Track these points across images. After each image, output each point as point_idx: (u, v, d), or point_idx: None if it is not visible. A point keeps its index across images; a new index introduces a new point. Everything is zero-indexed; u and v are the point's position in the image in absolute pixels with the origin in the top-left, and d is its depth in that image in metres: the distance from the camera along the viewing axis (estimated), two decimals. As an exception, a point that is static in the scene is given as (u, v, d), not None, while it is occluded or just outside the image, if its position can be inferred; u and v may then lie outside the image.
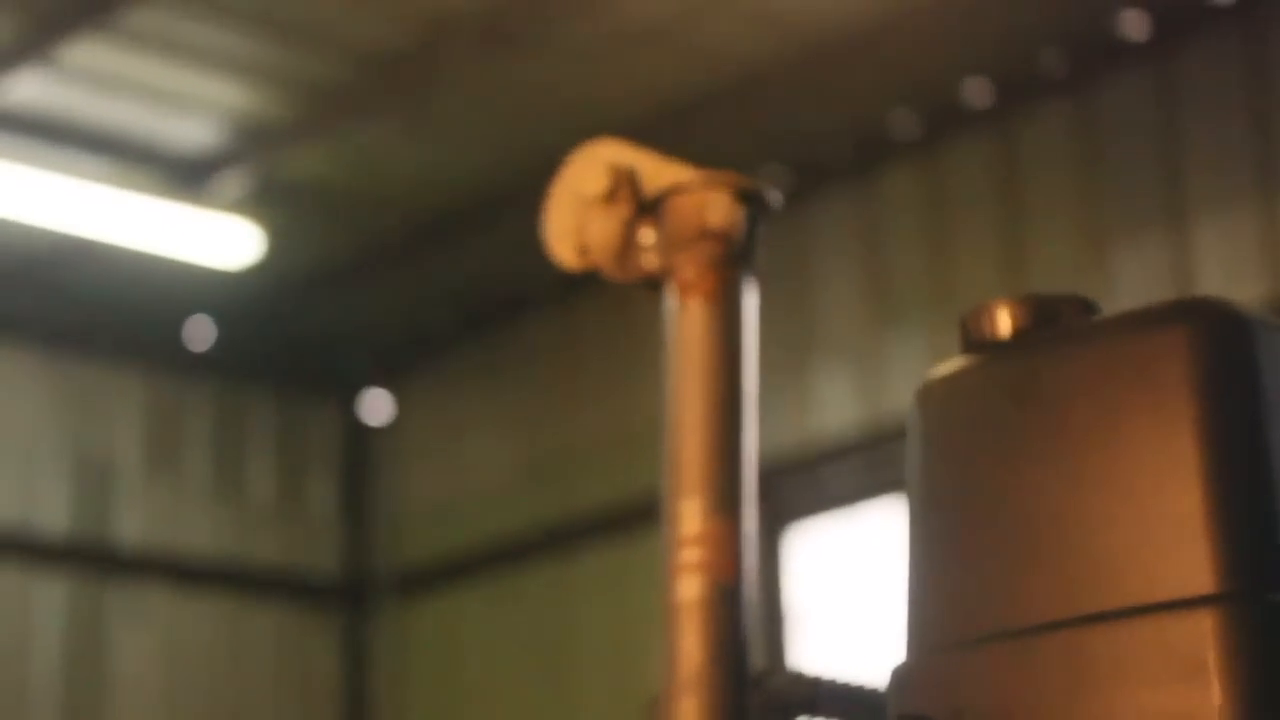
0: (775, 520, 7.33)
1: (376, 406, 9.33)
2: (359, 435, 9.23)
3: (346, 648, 8.73)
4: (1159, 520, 0.82)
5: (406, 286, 8.40)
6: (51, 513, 8.00)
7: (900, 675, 0.76)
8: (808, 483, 7.42)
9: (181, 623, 8.29)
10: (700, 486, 0.78)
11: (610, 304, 7.97)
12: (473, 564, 8.57)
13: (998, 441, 0.80)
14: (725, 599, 0.76)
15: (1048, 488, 0.78)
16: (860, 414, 7.23)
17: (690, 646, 0.77)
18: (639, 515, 7.27)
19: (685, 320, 0.86)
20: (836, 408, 7.45)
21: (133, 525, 8.21)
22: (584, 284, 8.13)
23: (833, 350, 7.55)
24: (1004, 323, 0.83)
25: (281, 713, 8.49)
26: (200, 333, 8.54)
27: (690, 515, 0.77)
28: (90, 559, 8.07)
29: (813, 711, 0.77)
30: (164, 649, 8.17)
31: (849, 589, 6.60)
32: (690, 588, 0.77)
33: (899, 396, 6.53)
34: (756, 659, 0.87)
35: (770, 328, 0.89)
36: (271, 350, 8.77)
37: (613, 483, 7.81)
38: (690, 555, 0.78)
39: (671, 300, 0.89)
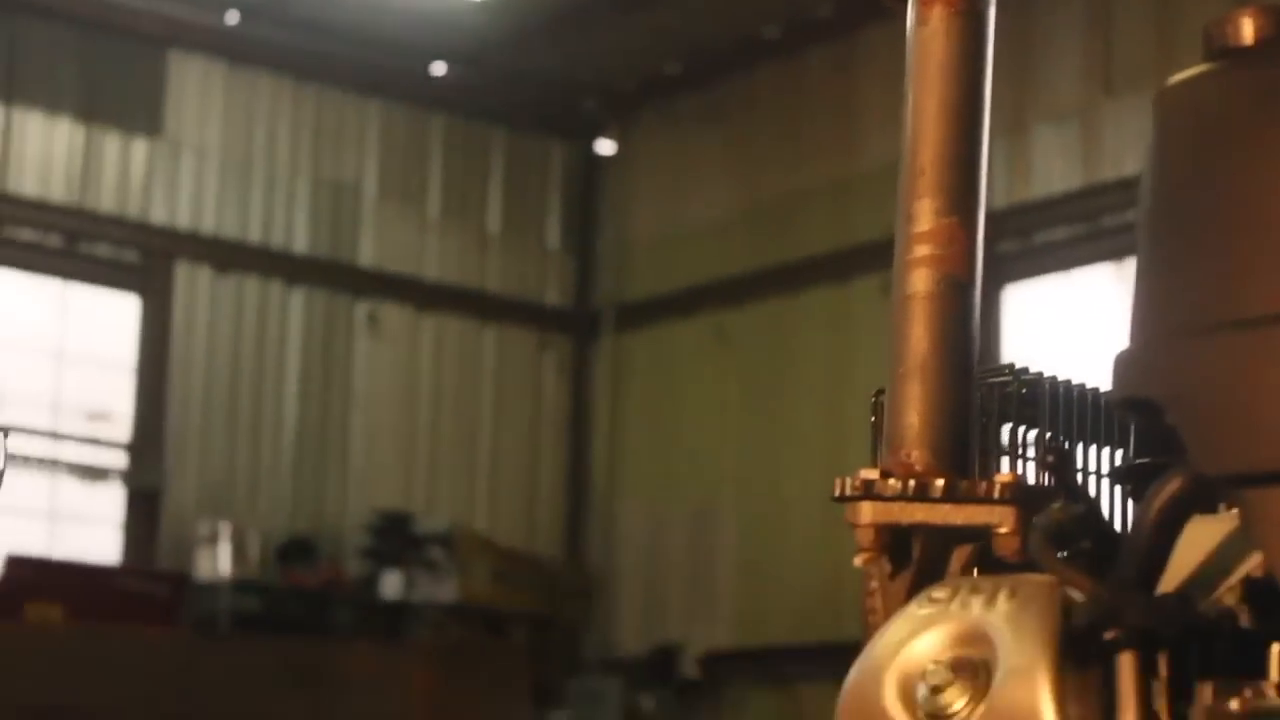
0: (992, 282, 6.98)
1: (606, 145, 9.16)
2: (588, 172, 9.12)
3: (570, 371, 8.86)
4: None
5: (639, 31, 8.03)
6: (297, 232, 8.15)
7: (1122, 360, 0.72)
8: (1025, 246, 7.28)
9: (418, 339, 8.43)
10: (935, 189, 0.78)
11: (835, 55, 7.84)
12: (691, 298, 8.44)
13: (1235, 143, 0.74)
14: (953, 291, 0.76)
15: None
16: (1078, 179, 7.06)
17: (918, 335, 0.77)
18: (856, 260, 7.39)
19: (927, 31, 0.82)
20: (1055, 172, 7.21)
21: (371, 248, 8.34)
22: (810, 33, 7.98)
23: (1053, 115, 7.29)
24: (1248, 30, 0.75)
25: (509, 427, 8.65)
26: (441, 68, 8.37)
27: (924, 215, 0.77)
28: (332, 276, 8.24)
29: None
30: (400, 362, 8.39)
31: (1064, 351, 6.32)
32: (921, 281, 0.77)
33: (1117, 163, 6.29)
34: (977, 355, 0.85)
35: (992, 91, 0.85)
36: (508, 87, 8.64)
37: (831, 228, 7.75)
38: (922, 251, 0.78)
39: (914, 10, 0.84)
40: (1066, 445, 0.76)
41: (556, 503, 8.68)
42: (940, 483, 0.75)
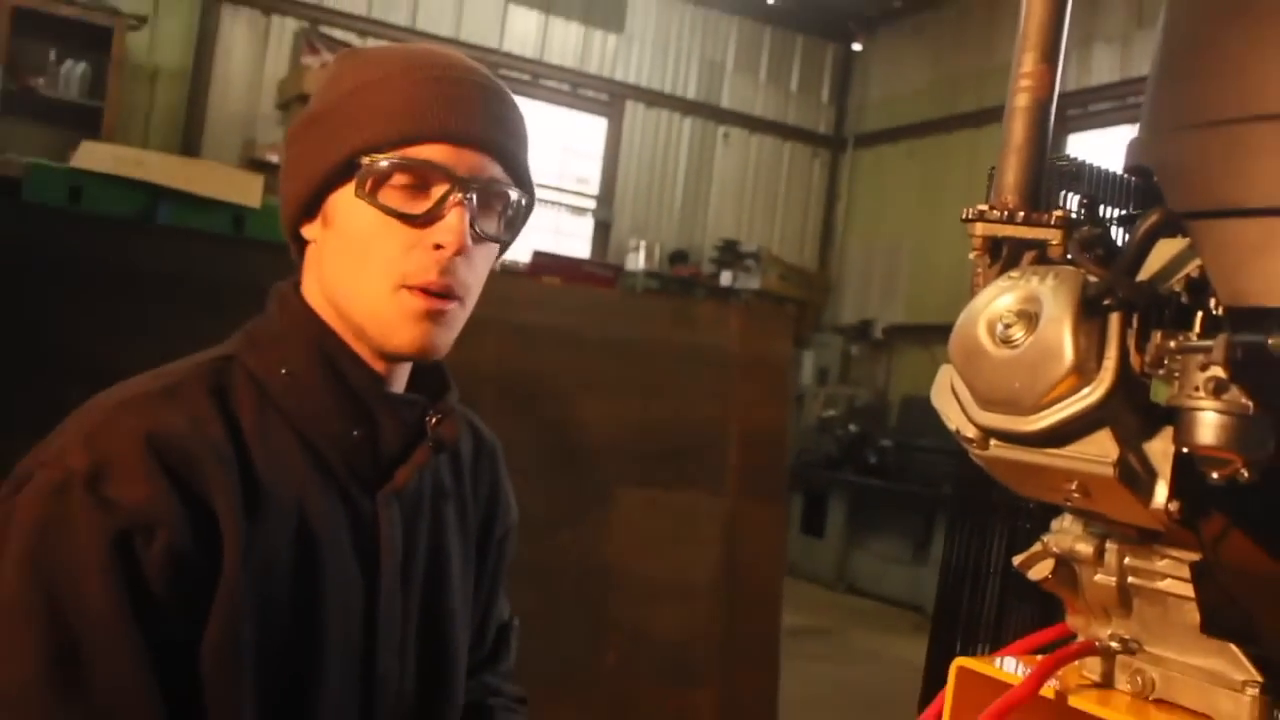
0: (1060, 131, 7.47)
1: (856, 45, 10.53)
2: (846, 60, 10.66)
3: (828, 169, 10.65)
4: None
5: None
6: (690, 86, 10.15)
7: (1131, 144, 0.80)
8: (1083, 112, 8.32)
9: (749, 149, 10.40)
10: (1035, 46, 0.84)
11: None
12: (895, 133, 10.02)
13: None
14: (1040, 106, 0.84)
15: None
16: (1118, 76, 7.99)
17: (1016, 129, 0.85)
18: (986, 116, 8.50)
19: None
20: (1104, 71, 8.11)
21: (727, 97, 10.26)
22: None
23: (1103, 37, 8.12)
24: None
25: (794, 197, 10.51)
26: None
27: (1028, 61, 0.84)
28: (705, 112, 10.16)
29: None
30: (738, 161, 10.35)
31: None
32: (1022, 99, 0.84)
33: (1143, 67, 4.65)
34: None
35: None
36: (804, 9, 10.14)
37: (974, 95, 8.89)
38: (1025, 83, 0.85)
39: None
40: (1095, 199, 0.82)
41: (815, 238, 10.62)
42: (1021, 214, 0.84)
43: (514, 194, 1.16)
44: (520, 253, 7.76)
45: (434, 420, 1.18)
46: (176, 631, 1.01)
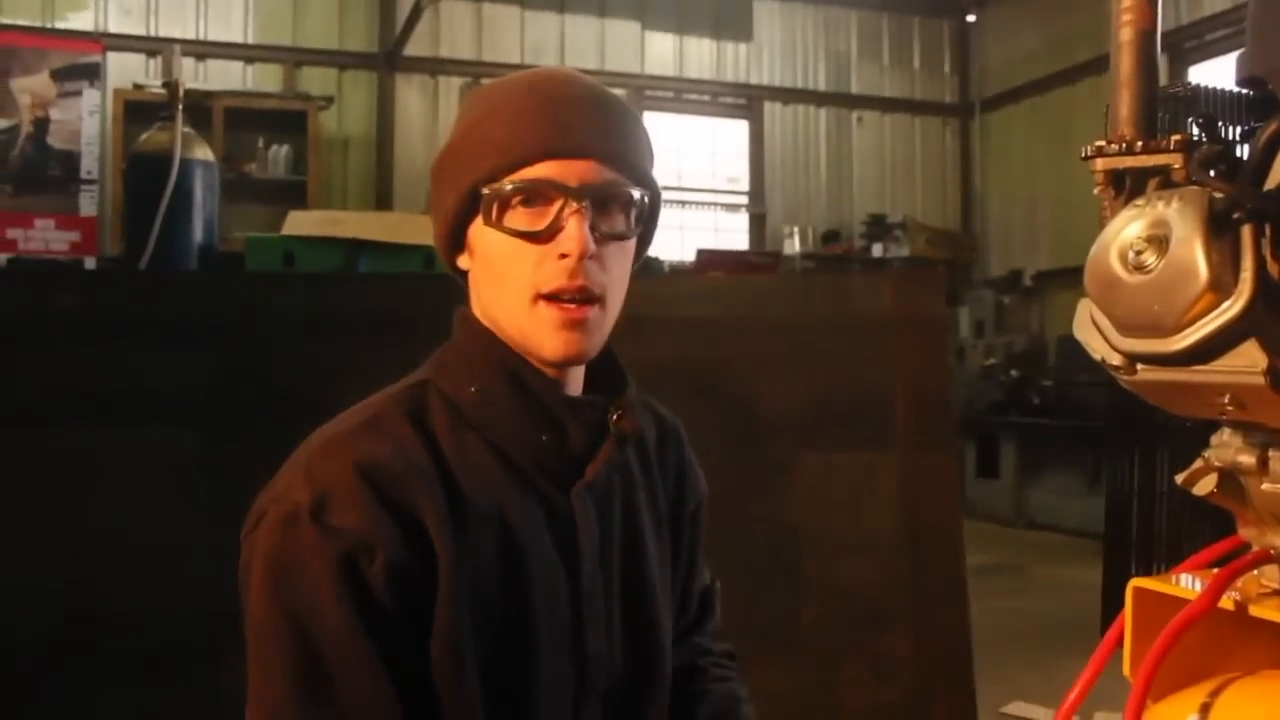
0: (1178, 63, 8.05)
1: (971, 18, 10.36)
2: (963, 33, 10.47)
3: (959, 135, 10.50)
4: None
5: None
6: (820, 79, 10.07)
7: (1240, 57, 0.79)
8: (1199, 42, 8.05)
9: (882, 127, 10.29)
10: None
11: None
12: (1017, 93, 9.85)
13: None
14: (1144, 38, 0.81)
15: None
16: (1230, 4, 7.63)
17: (1125, 62, 0.81)
18: (1105, 64, 9.16)
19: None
20: (1217, 4, 7.71)
21: (856, 82, 10.17)
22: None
23: None
24: None
25: (931, 164, 10.41)
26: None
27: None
28: (836, 100, 10.13)
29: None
30: (872, 142, 10.18)
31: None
32: (1126, 33, 0.81)
33: None
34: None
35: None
36: None
37: (1095, 45, 8.36)
38: (1127, 17, 0.81)
39: None
40: (1212, 118, 0.78)
41: (956, 201, 10.47)
42: (1139, 143, 0.80)
43: (635, 192, 1.13)
44: (685, 253, 7.76)
45: (615, 416, 1.17)
46: (406, 640, 1.03)
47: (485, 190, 1.10)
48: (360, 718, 0.99)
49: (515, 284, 1.10)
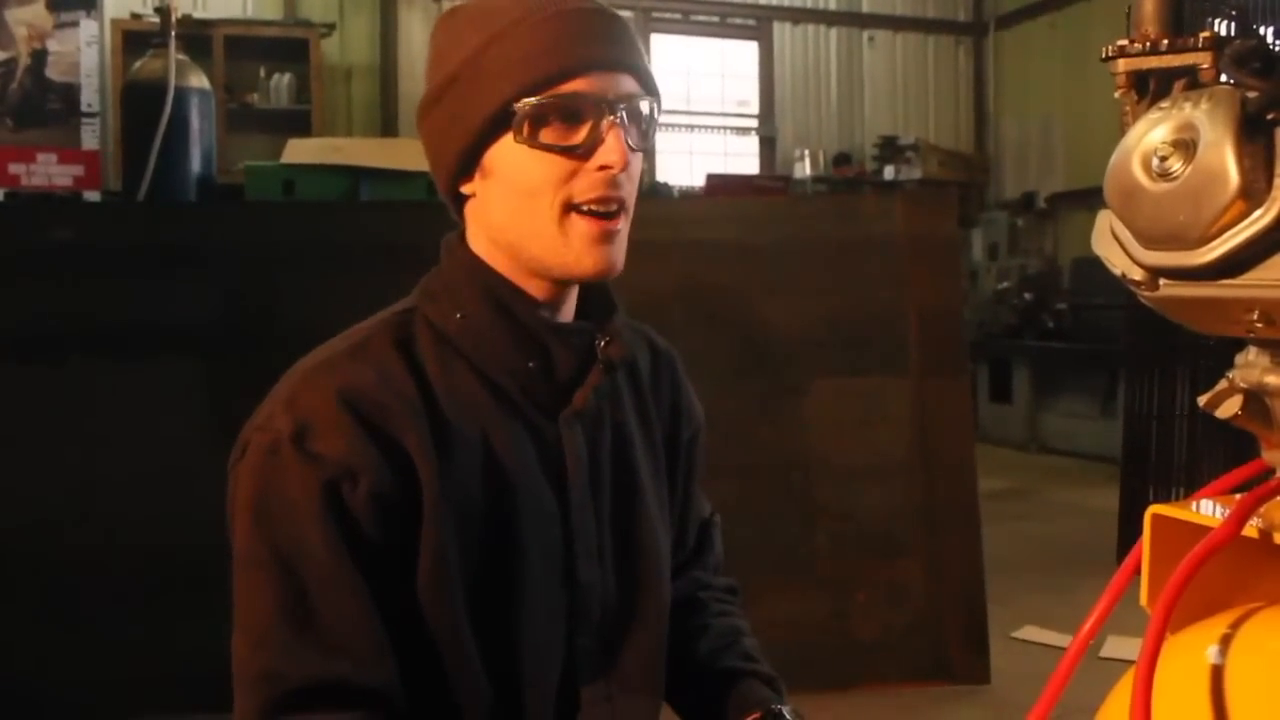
0: None
1: None
2: None
3: (973, 54, 10.23)
4: None
5: None
6: (831, 3, 9.87)
7: None
8: None
9: (894, 47, 10.03)
10: None
11: None
12: (1034, 9, 9.58)
13: None
14: None
15: None
16: None
17: None
18: None
19: None
20: None
21: (867, 3, 9.92)
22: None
23: None
24: None
25: (943, 83, 10.19)
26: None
27: None
28: (845, 19, 9.86)
29: None
30: (885, 61, 9.99)
31: None
32: None
33: None
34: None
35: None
36: None
37: None
38: None
39: None
40: (1245, 10, 0.90)
41: (969, 122, 10.24)
42: (1165, 42, 0.76)
43: (648, 104, 1.13)
44: (695, 177, 7.62)
45: (604, 343, 1.17)
46: (391, 565, 1.03)
47: (518, 106, 1.07)
48: (345, 643, 1.00)
49: (545, 200, 1.08)
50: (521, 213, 1.11)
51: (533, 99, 1.08)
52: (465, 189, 1.16)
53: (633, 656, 1.20)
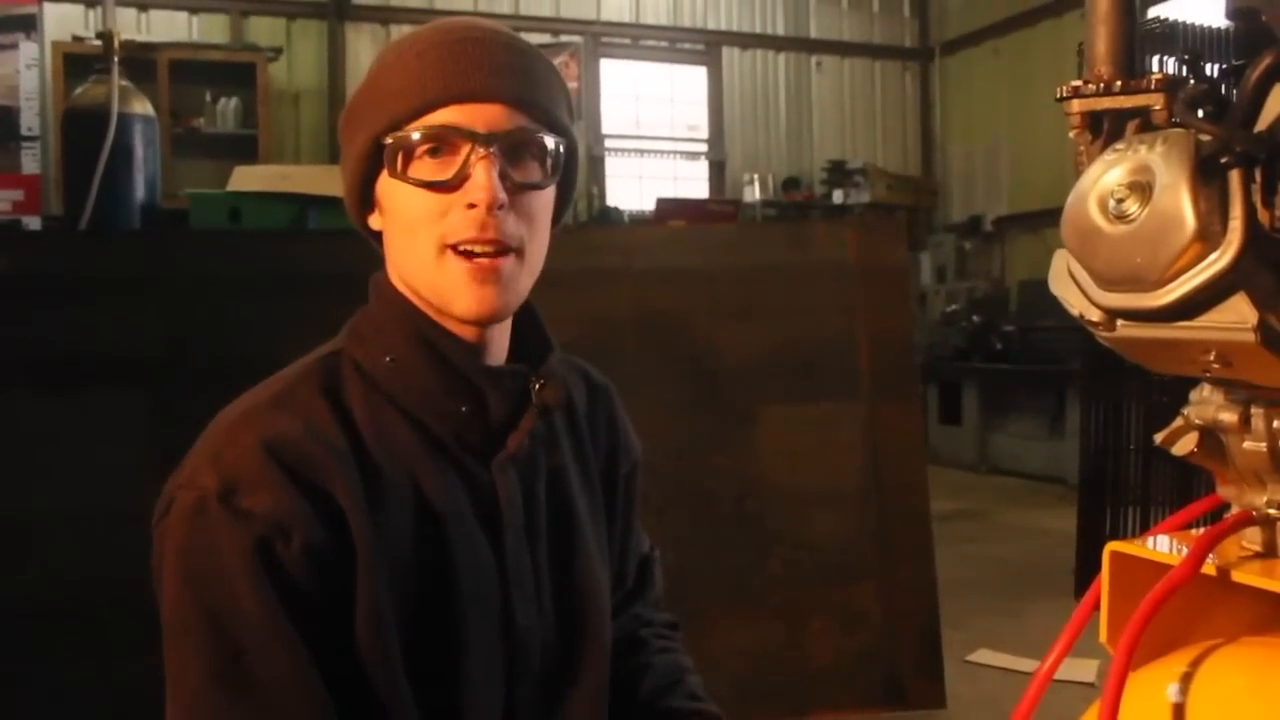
0: None
1: None
2: None
3: (919, 80, 10.37)
4: None
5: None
6: (779, 25, 9.99)
7: None
8: None
9: (842, 73, 10.14)
10: None
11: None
12: (976, 36, 9.75)
13: None
14: None
15: None
16: None
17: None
18: (1069, 3, 8.23)
19: None
20: None
21: (815, 28, 10.00)
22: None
23: None
24: None
25: (891, 109, 10.26)
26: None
27: None
28: (794, 45, 9.98)
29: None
30: (833, 85, 10.06)
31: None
32: None
33: None
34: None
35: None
36: None
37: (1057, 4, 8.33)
38: None
39: None
40: (1197, 54, 0.75)
41: (916, 146, 10.39)
42: (1118, 83, 0.76)
43: (548, 139, 1.08)
44: (645, 202, 7.73)
45: (538, 385, 1.14)
46: (328, 623, 1.00)
47: (388, 140, 1.05)
48: (282, 702, 0.96)
49: (421, 237, 1.05)
50: (406, 250, 1.09)
51: (400, 132, 1.06)
52: (373, 223, 1.14)
53: (575, 702, 1.17)
